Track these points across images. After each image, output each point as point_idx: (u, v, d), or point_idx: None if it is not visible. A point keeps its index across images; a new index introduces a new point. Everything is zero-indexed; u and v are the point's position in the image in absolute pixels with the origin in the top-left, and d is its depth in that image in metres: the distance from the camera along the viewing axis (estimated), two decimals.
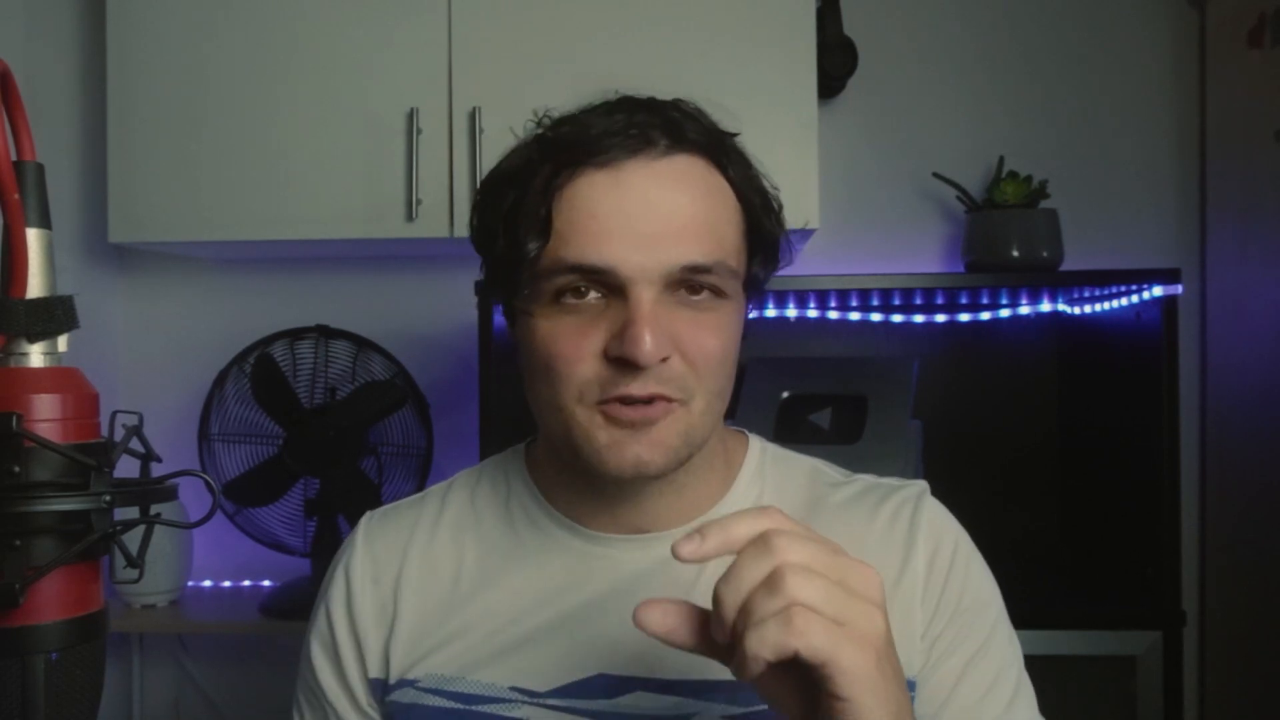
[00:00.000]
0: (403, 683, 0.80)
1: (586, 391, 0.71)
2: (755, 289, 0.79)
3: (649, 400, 0.70)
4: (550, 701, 0.76)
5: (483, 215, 0.78)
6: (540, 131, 0.76)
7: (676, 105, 0.76)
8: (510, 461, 0.87)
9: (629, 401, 0.70)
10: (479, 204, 0.78)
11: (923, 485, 0.84)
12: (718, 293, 0.73)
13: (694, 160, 0.74)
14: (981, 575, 0.81)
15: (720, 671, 0.75)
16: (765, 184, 0.79)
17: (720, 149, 0.76)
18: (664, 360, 0.70)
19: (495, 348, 1.54)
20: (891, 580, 0.77)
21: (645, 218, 0.70)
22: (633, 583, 0.78)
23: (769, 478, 0.83)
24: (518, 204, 0.74)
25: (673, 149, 0.73)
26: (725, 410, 0.77)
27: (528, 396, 0.77)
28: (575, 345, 0.71)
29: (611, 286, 0.71)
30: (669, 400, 0.71)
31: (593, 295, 0.71)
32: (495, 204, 0.76)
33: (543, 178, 0.73)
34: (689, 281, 0.71)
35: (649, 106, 0.75)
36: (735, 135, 0.78)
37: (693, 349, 0.71)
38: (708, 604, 0.76)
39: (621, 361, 0.69)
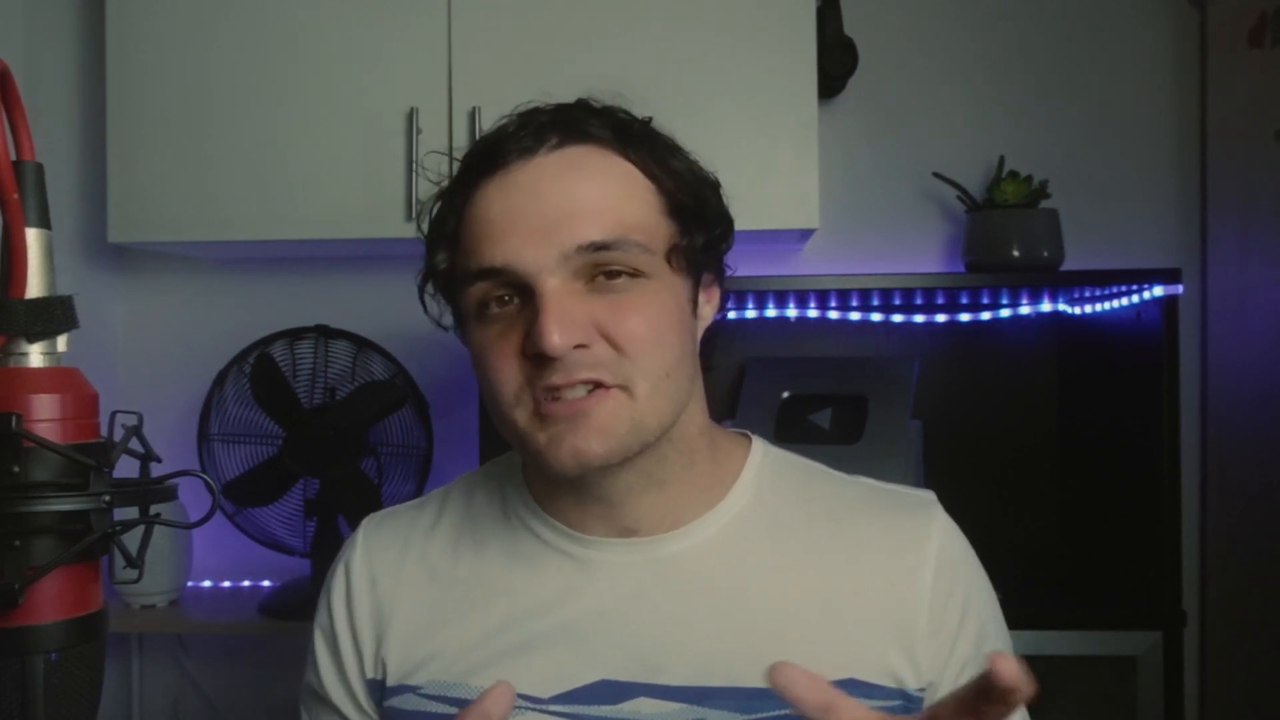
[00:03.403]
0: (403, 688, 0.79)
1: (521, 395, 0.72)
2: (699, 263, 0.78)
3: (580, 386, 0.70)
4: (553, 708, 0.75)
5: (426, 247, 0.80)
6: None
7: (580, 103, 0.77)
8: (506, 467, 0.87)
9: (556, 395, 0.70)
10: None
11: (931, 495, 0.83)
12: (634, 272, 0.72)
13: (586, 149, 0.74)
14: (993, 601, 0.81)
15: (722, 678, 0.75)
16: (693, 164, 0.79)
17: (623, 135, 0.75)
18: (583, 348, 0.70)
19: None
20: (894, 585, 0.77)
21: (535, 211, 0.71)
22: (630, 588, 0.77)
23: (768, 481, 0.82)
24: (433, 227, 0.78)
25: (563, 143, 0.74)
26: (684, 395, 0.76)
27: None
28: (499, 351, 0.72)
29: (520, 287, 0.71)
30: (605, 386, 0.71)
31: (512, 302, 0.72)
32: (429, 233, 0.80)
33: (451, 198, 0.76)
34: (599, 264, 0.71)
35: (548, 110, 0.76)
36: (648, 120, 0.78)
37: (617, 333, 0.71)
38: (705, 611, 0.76)
39: (539, 357, 0.70)
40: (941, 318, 1.86)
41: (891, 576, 0.77)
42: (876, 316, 1.86)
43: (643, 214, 0.74)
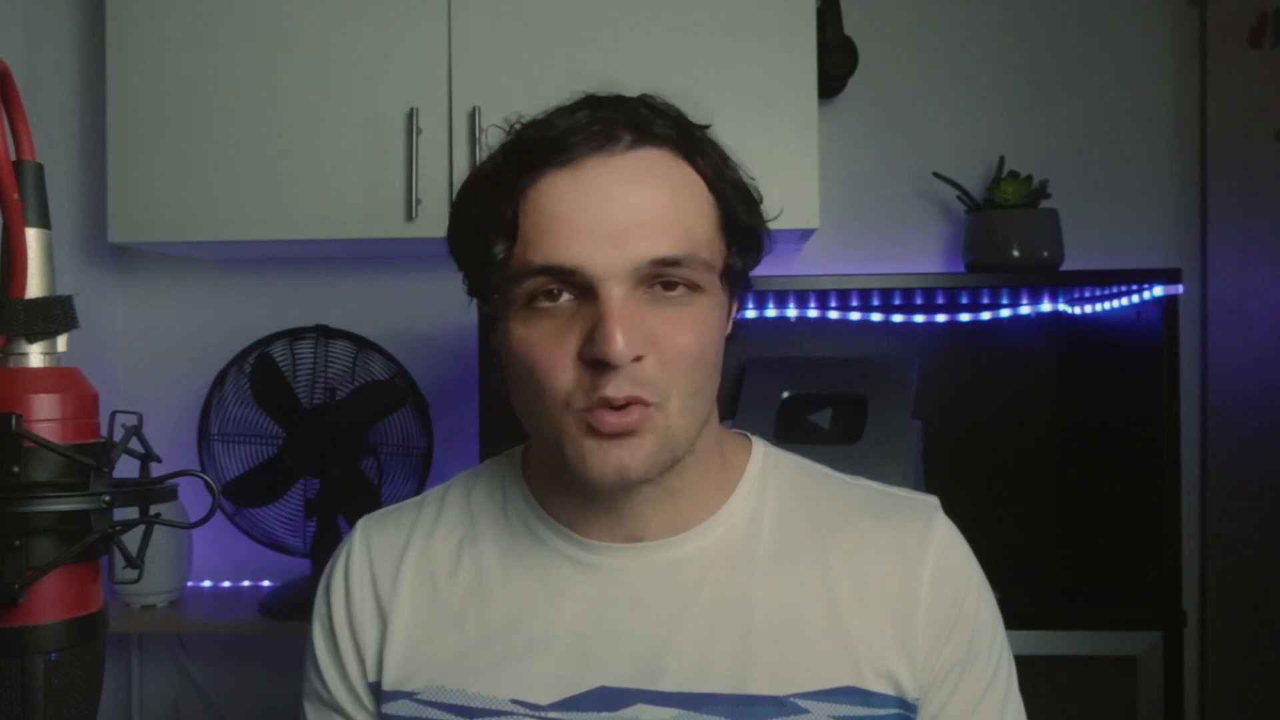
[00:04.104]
0: (400, 694, 0.79)
1: (571, 399, 0.70)
2: (738, 282, 0.78)
3: (625, 405, 0.69)
4: (551, 714, 0.75)
5: (455, 223, 0.77)
6: (508, 137, 0.75)
7: (643, 100, 0.75)
8: (507, 466, 0.86)
9: (608, 405, 0.69)
10: (453, 213, 0.78)
11: (934, 500, 0.82)
12: (692, 287, 0.71)
13: (660, 153, 0.72)
14: (991, 609, 0.81)
15: (720, 684, 0.74)
16: (742, 176, 0.78)
17: (689, 141, 0.74)
18: (639, 360, 0.69)
19: (495, 348, 1.54)
20: (893, 589, 0.76)
21: (609, 214, 0.69)
22: (631, 593, 0.77)
23: (770, 485, 0.82)
24: (485, 210, 0.73)
25: (637, 143, 0.72)
26: (708, 410, 0.76)
27: (513, 402, 0.76)
28: (552, 351, 0.70)
29: (581, 287, 0.69)
30: (645, 404, 0.69)
31: (565, 297, 0.70)
32: (466, 211, 0.75)
33: (507, 182, 0.72)
34: (661, 276, 0.70)
35: (614, 103, 0.74)
36: (706, 127, 0.77)
37: (667, 348, 0.70)
38: (705, 616, 0.76)
39: (597, 363, 0.68)
40: (941, 318, 1.86)
41: (892, 581, 0.76)
42: (876, 316, 1.86)
43: (706, 229, 0.73)
